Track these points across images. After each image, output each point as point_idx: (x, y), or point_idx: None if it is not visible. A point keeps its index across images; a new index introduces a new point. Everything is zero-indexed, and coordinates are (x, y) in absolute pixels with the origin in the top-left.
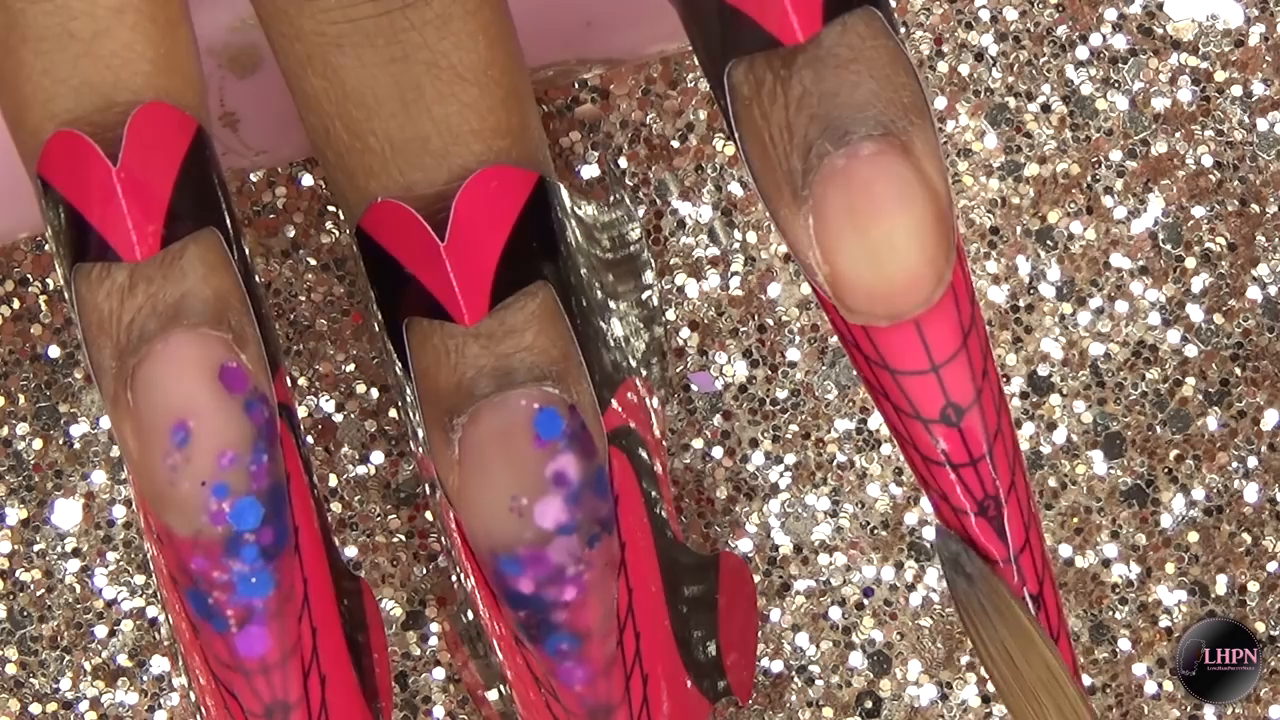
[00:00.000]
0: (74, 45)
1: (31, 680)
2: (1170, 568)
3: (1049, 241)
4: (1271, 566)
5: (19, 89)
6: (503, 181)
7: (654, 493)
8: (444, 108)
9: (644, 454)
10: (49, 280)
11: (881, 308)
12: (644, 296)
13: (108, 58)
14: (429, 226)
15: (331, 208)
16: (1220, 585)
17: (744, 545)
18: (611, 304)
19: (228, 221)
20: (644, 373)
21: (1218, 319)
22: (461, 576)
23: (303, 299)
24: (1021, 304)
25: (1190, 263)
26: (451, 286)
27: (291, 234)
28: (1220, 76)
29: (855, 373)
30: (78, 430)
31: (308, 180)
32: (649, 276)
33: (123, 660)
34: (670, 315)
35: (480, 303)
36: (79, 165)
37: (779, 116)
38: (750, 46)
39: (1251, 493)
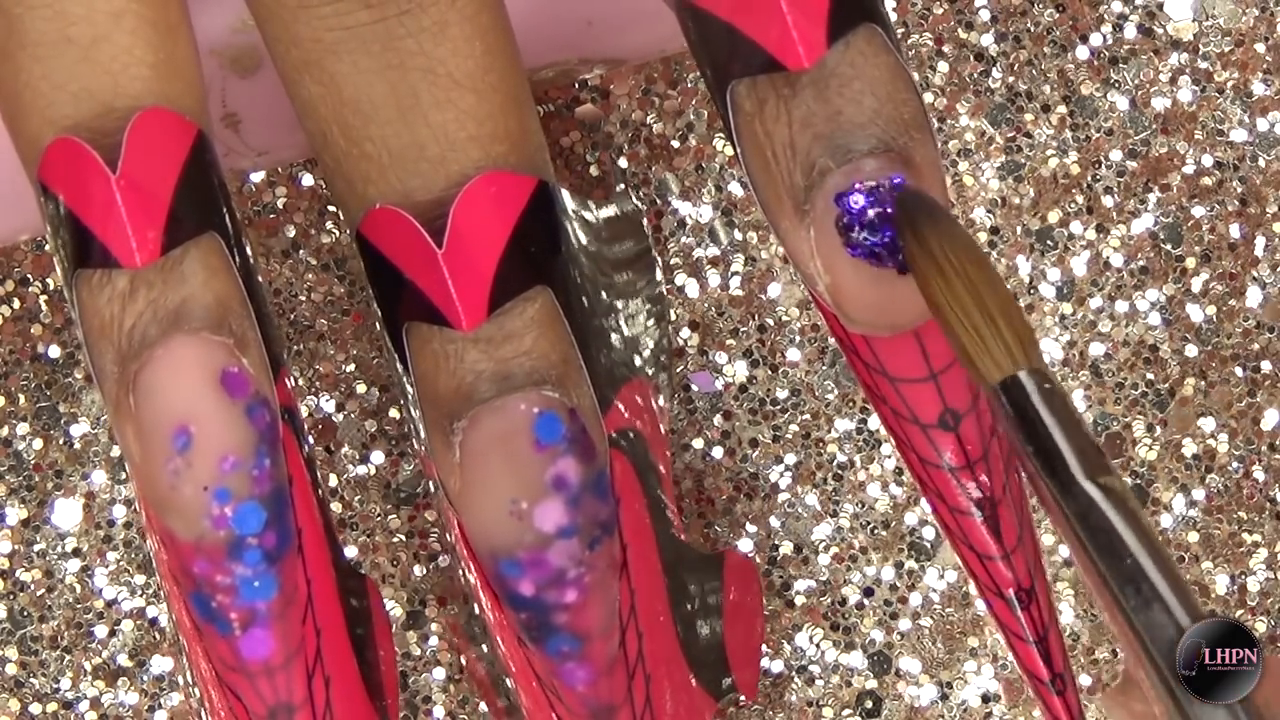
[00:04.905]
0: (72, 51)
1: (31, 680)
2: None
3: (1049, 241)
4: (1272, 567)
5: (18, 95)
6: (501, 187)
7: (659, 493)
8: (441, 114)
9: (648, 455)
10: (49, 280)
11: (881, 318)
12: (655, 293)
13: (106, 63)
14: (426, 234)
15: (332, 207)
16: (1220, 585)
17: (744, 545)
18: (619, 304)
19: (229, 225)
20: (650, 371)
21: (1218, 319)
22: (465, 573)
23: (303, 299)
24: (1021, 304)
25: (1190, 263)
26: (449, 293)
27: (291, 234)
28: (1220, 76)
29: (854, 376)
30: (78, 430)
31: (308, 180)
32: (657, 273)
33: (123, 660)
34: (670, 315)
35: (478, 309)
36: (78, 173)
37: (782, 134)
38: (754, 69)
39: (1252, 493)
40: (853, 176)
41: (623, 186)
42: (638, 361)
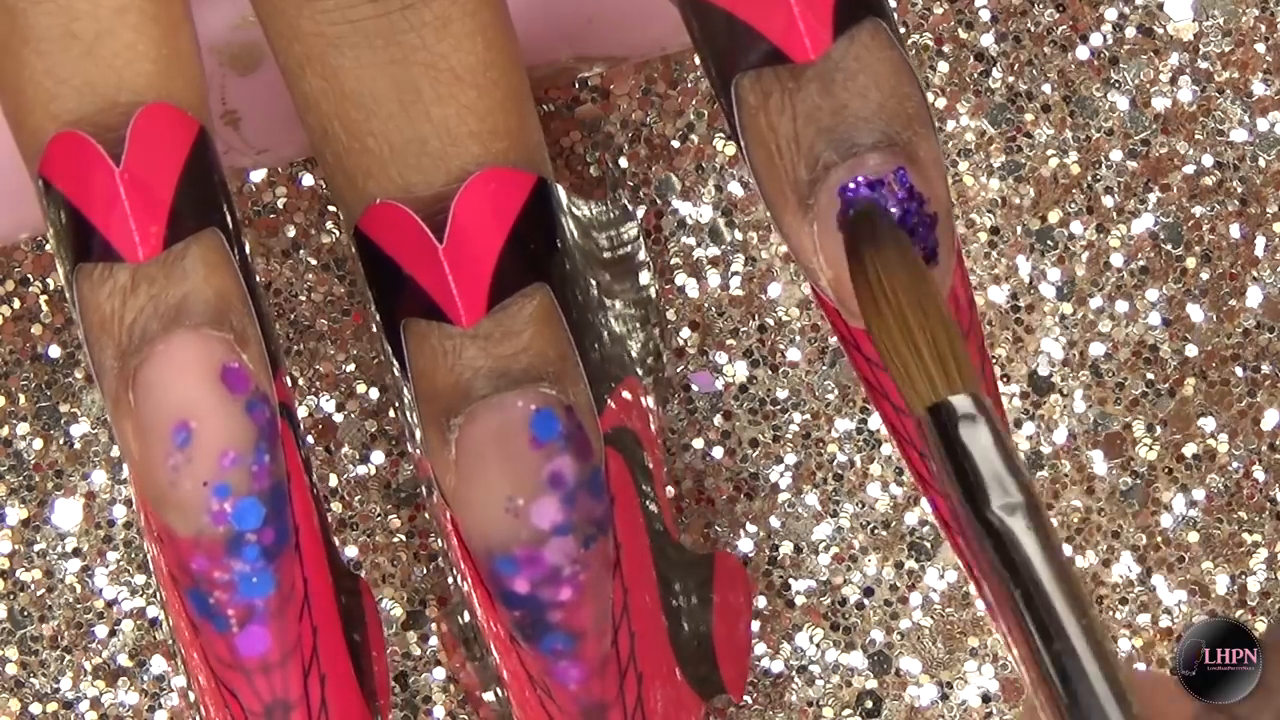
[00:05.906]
0: (76, 46)
1: (32, 680)
2: (1170, 568)
3: (1049, 241)
4: (1272, 567)
5: (21, 90)
6: (501, 183)
7: (649, 490)
8: (442, 109)
9: (640, 452)
10: (49, 280)
11: None
12: (640, 296)
13: (110, 58)
14: (427, 228)
15: (332, 208)
16: (1220, 585)
17: (744, 545)
18: (608, 302)
19: (229, 222)
20: (639, 372)
21: (1218, 319)
22: (458, 577)
23: (303, 299)
24: (1022, 304)
25: (1190, 263)
26: (449, 288)
27: (291, 234)
28: (1220, 76)
29: (855, 373)
30: (78, 430)
31: (308, 180)
32: (645, 277)
33: (123, 660)
34: (670, 315)
35: (478, 304)
36: (81, 166)
37: (786, 128)
38: (759, 61)
39: (1252, 493)
40: (856, 170)
41: (617, 191)
42: (627, 360)
